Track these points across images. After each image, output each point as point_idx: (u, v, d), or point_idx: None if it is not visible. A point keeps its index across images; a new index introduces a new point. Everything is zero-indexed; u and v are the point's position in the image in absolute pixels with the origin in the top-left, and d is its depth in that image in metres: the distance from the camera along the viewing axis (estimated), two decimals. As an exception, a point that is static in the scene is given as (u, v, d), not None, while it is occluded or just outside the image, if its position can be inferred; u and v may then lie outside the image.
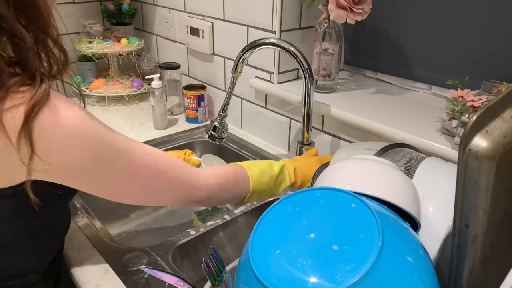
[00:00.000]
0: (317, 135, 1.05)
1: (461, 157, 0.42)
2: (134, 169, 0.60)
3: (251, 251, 0.46)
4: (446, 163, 0.67)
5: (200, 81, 1.39)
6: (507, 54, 0.87)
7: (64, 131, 0.51)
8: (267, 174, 0.78)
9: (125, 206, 1.13)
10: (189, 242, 0.80)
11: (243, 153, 1.17)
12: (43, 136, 0.50)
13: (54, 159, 0.51)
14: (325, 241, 0.44)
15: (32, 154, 0.49)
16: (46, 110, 0.50)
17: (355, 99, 1.00)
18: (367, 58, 1.15)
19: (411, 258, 0.44)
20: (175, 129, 1.30)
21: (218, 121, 0.98)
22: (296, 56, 0.86)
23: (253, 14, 1.08)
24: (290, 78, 1.12)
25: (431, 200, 0.58)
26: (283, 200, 0.51)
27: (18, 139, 0.48)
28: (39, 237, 0.63)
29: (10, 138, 0.48)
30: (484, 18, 0.89)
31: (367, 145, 0.76)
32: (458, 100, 0.77)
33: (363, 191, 0.51)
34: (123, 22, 1.56)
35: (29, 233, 0.61)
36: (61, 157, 0.52)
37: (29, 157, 0.49)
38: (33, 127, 0.49)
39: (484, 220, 0.44)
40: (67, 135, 0.51)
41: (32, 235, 0.62)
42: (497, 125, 0.42)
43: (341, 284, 0.39)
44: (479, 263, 0.47)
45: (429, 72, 1.02)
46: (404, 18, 1.03)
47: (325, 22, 0.98)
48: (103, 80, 1.50)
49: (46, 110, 0.50)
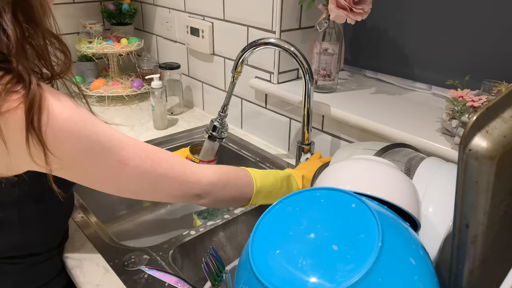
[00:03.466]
0: (317, 135, 1.05)
1: (461, 157, 0.42)
2: (126, 158, 0.59)
3: (251, 251, 0.46)
4: (446, 163, 0.67)
5: (200, 81, 1.39)
6: (507, 54, 0.87)
7: (57, 124, 0.51)
8: (272, 176, 0.78)
9: (125, 206, 1.14)
10: (189, 242, 0.80)
11: (243, 153, 1.17)
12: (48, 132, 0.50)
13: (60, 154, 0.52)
14: (325, 241, 0.44)
15: (46, 152, 0.50)
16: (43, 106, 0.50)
17: (355, 99, 1.00)
18: (367, 58, 1.15)
19: (411, 258, 0.44)
20: (175, 129, 1.30)
21: (218, 121, 0.98)
22: (296, 56, 0.86)
23: (253, 14, 1.08)
24: (290, 78, 1.12)
25: (431, 200, 0.58)
26: (283, 200, 0.51)
27: (27, 139, 0.49)
28: (44, 219, 0.65)
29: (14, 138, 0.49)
30: (484, 18, 0.89)
31: (367, 145, 0.76)
32: (458, 100, 0.77)
33: (363, 191, 0.51)
34: (123, 22, 1.56)
35: (34, 215, 0.63)
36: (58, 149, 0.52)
37: (43, 155, 0.51)
38: (37, 125, 0.49)
39: (484, 220, 0.44)
40: (60, 128, 0.52)
41: (38, 218, 0.64)
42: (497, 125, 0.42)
43: (341, 284, 0.39)
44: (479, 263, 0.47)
45: (429, 72, 1.02)
46: (404, 18, 1.03)
47: (325, 22, 0.98)
48: (103, 80, 1.50)
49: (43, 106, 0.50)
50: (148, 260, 0.74)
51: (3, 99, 0.48)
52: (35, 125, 0.49)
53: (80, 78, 1.50)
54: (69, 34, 1.52)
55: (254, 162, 1.12)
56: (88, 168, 0.57)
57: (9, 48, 0.50)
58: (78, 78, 1.49)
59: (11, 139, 0.50)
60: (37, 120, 0.49)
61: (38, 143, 0.50)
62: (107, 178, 0.60)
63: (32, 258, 0.68)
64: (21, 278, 0.68)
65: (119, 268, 0.72)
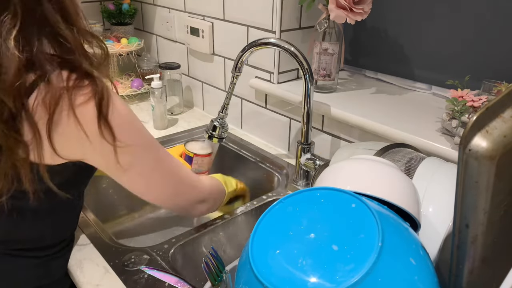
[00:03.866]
0: (317, 135, 1.05)
1: (461, 157, 0.42)
2: (161, 155, 0.69)
3: (251, 251, 0.46)
4: (446, 163, 0.67)
5: (200, 81, 1.39)
6: (507, 54, 0.87)
7: (121, 116, 0.59)
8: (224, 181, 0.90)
9: (125, 206, 1.14)
10: (189, 242, 0.80)
11: (243, 153, 1.17)
12: (115, 122, 0.57)
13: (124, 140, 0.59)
14: (325, 241, 0.44)
15: (114, 141, 0.57)
16: (110, 100, 0.57)
17: (355, 99, 1.00)
18: (367, 58, 1.15)
19: (411, 258, 0.44)
20: (175, 129, 1.30)
21: (218, 121, 0.98)
22: (296, 56, 0.86)
23: (253, 14, 1.08)
24: (290, 78, 1.12)
25: (431, 200, 0.58)
26: (283, 200, 0.51)
27: (100, 129, 0.56)
28: (56, 214, 0.68)
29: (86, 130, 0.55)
30: (484, 18, 0.89)
31: (367, 145, 0.76)
32: (458, 100, 0.77)
33: (363, 191, 0.51)
34: (123, 22, 1.56)
35: (49, 209, 0.66)
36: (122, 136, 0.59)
37: (112, 141, 0.57)
38: (105, 115, 0.56)
39: (484, 220, 0.44)
40: (124, 120, 0.60)
41: (51, 211, 0.66)
42: (497, 125, 0.42)
43: (341, 284, 0.39)
44: (479, 263, 0.47)
45: (429, 72, 1.02)
46: (404, 18, 1.03)
47: (325, 22, 0.98)
48: (103, 80, 1.49)
49: (110, 99, 0.57)
50: (148, 260, 0.74)
51: (76, 93, 0.54)
52: (105, 116, 0.56)
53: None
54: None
55: (254, 162, 1.12)
56: (134, 159, 0.63)
57: (70, 49, 0.55)
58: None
59: (84, 128, 0.55)
60: (105, 111, 0.56)
61: (108, 132, 0.56)
62: (147, 172, 0.67)
63: (43, 252, 0.68)
64: (32, 273, 0.68)
65: (119, 268, 0.72)
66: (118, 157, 0.60)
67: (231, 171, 1.21)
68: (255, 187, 1.11)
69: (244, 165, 1.15)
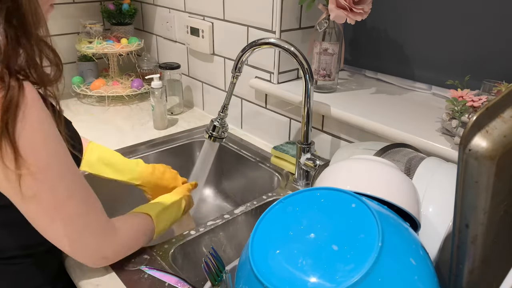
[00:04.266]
0: (317, 135, 1.05)
1: (461, 157, 0.42)
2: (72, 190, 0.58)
3: (251, 251, 0.46)
4: (446, 163, 0.67)
5: (200, 81, 1.39)
6: (507, 54, 0.87)
7: (30, 132, 0.51)
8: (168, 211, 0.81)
9: (125, 205, 1.13)
10: (189, 242, 0.80)
11: (243, 153, 1.17)
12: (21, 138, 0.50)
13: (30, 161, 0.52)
14: (325, 241, 0.44)
15: (17, 157, 0.50)
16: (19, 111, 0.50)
17: (355, 99, 1.00)
18: (367, 58, 1.15)
19: (411, 258, 0.44)
20: (175, 129, 1.30)
21: (218, 121, 0.98)
22: (296, 56, 0.86)
23: (253, 14, 1.08)
24: (290, 78, 1.12)
25: (431, 200, 0.58)
26: (283, 200, 0.51)
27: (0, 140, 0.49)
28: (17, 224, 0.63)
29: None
30: (484, 18, 0.89)
31: (367, 145, 0.76)
32: (458, 100, 0.77)
33: (363, 191, 0.51)
34: (123, 22, 1.56)
35: None
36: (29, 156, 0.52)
37: (14, 159, 0.50)
38: (11, 130, 0.49)
39: (484, 220, 0.44)
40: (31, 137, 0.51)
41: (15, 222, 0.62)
42: (497, 125, 0.42)
43: (341, 284, 0.39)
44: (479, 263, 0.47)
45: (429, 72, 1.02)
46: (404, 18, 1.03)
47: (325, 22, 0.98)
48: (103, 80, 1.50)
49: (19, 111, 0.50)
50: (148, 260, 0.74)
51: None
52: (9, 129, 0.49)
53: (80, 78, 1.50)
54: (69, 34, 1.51)
55: (254, 162, 1.12)
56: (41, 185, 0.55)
57: None
58: (78, 78, 1.49)
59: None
60: (12, 124, 0.49)
61: (10, 148, 0.49)
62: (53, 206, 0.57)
63: (32, 258, 0.68)
64: (20, 278, 0.68)
65: (119, 268, 0.72)
66: (21, 183, 0.52)
67: (231, 171, 1.21)
68: (255, 187, 1.11)
69: (244, 165, 1.15)
